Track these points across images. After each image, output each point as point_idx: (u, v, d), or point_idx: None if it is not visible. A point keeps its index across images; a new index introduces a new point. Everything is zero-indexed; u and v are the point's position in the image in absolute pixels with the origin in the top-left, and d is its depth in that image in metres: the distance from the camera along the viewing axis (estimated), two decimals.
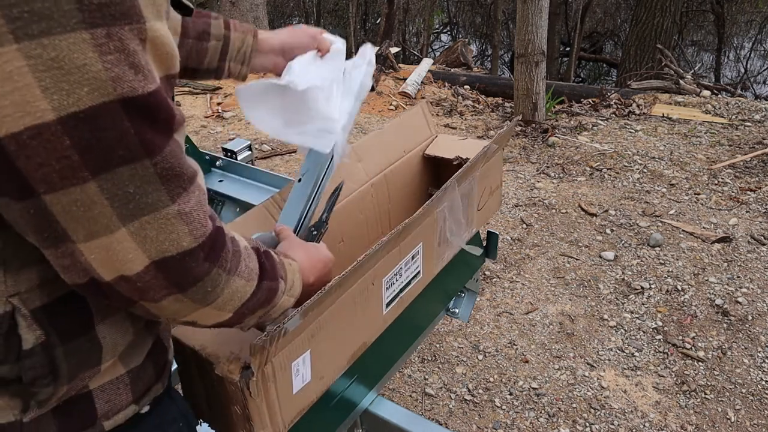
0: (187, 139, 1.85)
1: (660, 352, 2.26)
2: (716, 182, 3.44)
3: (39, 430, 0.64)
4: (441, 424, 1.98)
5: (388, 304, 1.11)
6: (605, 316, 2.44)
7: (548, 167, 3.75)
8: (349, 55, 1.13)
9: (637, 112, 4.75)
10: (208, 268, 0.60)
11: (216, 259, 0.61)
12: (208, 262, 0.60)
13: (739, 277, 2.62)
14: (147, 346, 0.72)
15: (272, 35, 1.06)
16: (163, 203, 0.56)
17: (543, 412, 2.03)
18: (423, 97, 5.29)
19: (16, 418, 0.63)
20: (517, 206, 3.28)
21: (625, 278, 2.66)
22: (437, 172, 1.46)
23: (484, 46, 14.28)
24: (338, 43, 1.09)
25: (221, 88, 5.44)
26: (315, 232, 1.02)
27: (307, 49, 1.05)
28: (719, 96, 5.04)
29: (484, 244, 1.56)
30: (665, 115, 4.55)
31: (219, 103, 5.08)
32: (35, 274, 0.60)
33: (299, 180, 1.05)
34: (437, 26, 15.11)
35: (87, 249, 0.55)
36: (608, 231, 3.01)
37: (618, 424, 1.98)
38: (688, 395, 2.08)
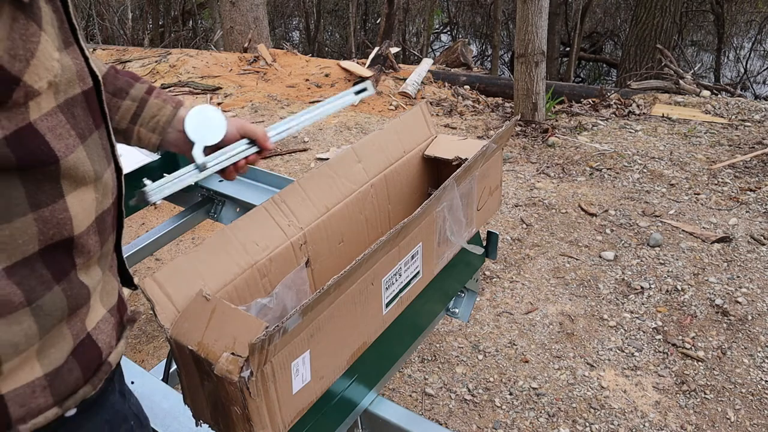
0: None
1: (660, 352, 2.26)
2: (716, 182, 3.44)
3: None
4: (441, 424, 1.98)
5: (387, 304, 1.11)
6: (605, 316, 2.44)
7: (548, 167, 3.75)
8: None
9: (637, 112, 4.75)
10: None
11: None
12: None
13: (738, 277, 2.62)
14: (68, 346, 0.69)
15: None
16: None
17: (543, 411, 2.03)
18: (423, 97, 5.29)
19: None
20: (517, 206, 3.28)
21: (625, 278, 2.66)
22: (437, 172, 1.46)
23: (484, 46, 14.29)
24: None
25: (221, 88, 5.44)
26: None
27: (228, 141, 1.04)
28: (719, 96, 5.04)
29: (484, 244, 1.56)
30: (665, 115, 4.56)
31: (219, 103, 5.08)
32: None
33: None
34: (437, 26, 15.11)
35: None
36: (608, 231, 3.01)
37: (618, 424, 1.98)
38: (687, 395, 2.08)
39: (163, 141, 1.01)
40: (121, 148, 0.92)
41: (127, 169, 1.71)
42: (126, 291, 0.88)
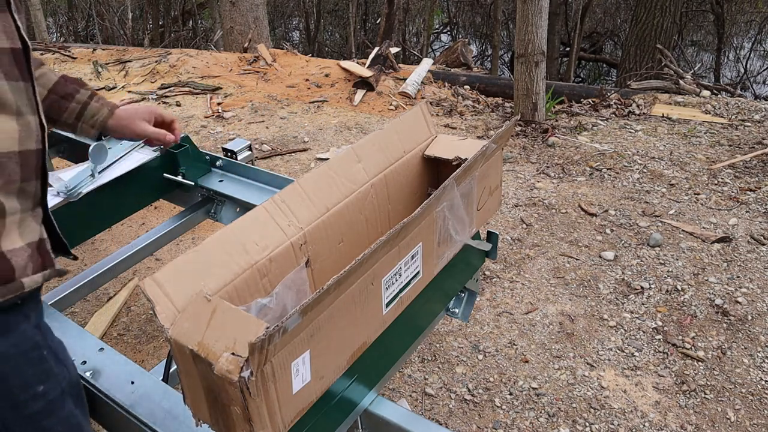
0: (188, 139, 1.85)
1: (660, 352, 2.26)
2: (716, 182, 3.44)
3: None
4: (441, 424, 1.98)
5: (387, 304, 1.11)
6: (605, 316, 2.44)
7: (548, 167, 3.75)
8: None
9: (637, 112, 4.75)
10: None
11: None
12: None
13: (738, 277, 2.62)
14: (37, 226, 0.90)
15: (130, 121, 1.36)
16: None
17: (543, 411, 2.03)
18: (423, 97, 5.29)
19: None
20: (517, 206, 3.28)
21: (625, 278, 2.66)
22: (437, 172, 1.46)
23: (484, 46, 14.29)
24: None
25: (221, 88, 5.44)
26: None
27: (147, 118, 1.39)
28: (719, 96, 5.04)
29: (477, 248, 1.56)
30: (665, 115, 4.56)
31: (219, 103, 5.08)
32: None
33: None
34: (437, 26, 15.11)
35: None
36: (608, 231, 3.01)
37: (618, 424, 1.98)
38: (687, 395, 2.08)
39: (103, 131, 1.33)
40: (124, 150, 1.57)
41: (127, 168, 1.71)
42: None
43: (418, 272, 1.19)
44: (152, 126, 1.39)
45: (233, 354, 0.80)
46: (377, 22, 12.96)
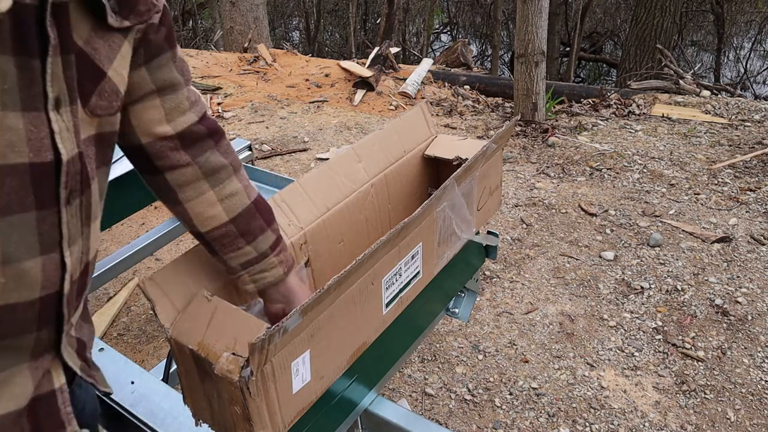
0: None
1: (660, 352, 2.26)
2: (716, 182, 3.44)
3: None
4: (441, 424, 1.98)
5: (387, 304, 1.11)
6: (605, 316, 2.44)
7: (548, 167, 3.75)
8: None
9: (637, 112, 4.75)
10: None
11: None
12: None
13: (738, 277, 2.62)
14: (31, 384, 0.68)
15: (298, 291, 0.99)
16: None
17: (543, 411, 2.03)
18: (423, 97, 5.29)
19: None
20: (517, 206, 3.28)
21: (625, 278, 2.66)
22: (437, 172, 1.46)
23: (484, 46, 14.29)
24: None
25: (221, 88, 5.44)
26: None
27: None
28: (719, 96, 5.04)
29: (485, 244, 1.56)
30: (665, 115, 4.56)
31: (219, 103, 5.08)
32: None
33: None
34: (437, 26, 15.11)
35: None
36: (608, 231, 3.01)
37: (618, 424, 1.98)
38: (687, 395, 2.08)
39: (259, 294, 0.99)
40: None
41: (127, 168, 1.71)
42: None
43: (418, 272, 1.19)
44: None
45: (233, 354, 0.80)
46: (377, 22, 12.97)
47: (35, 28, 0.58)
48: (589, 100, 5.21)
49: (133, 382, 1.21)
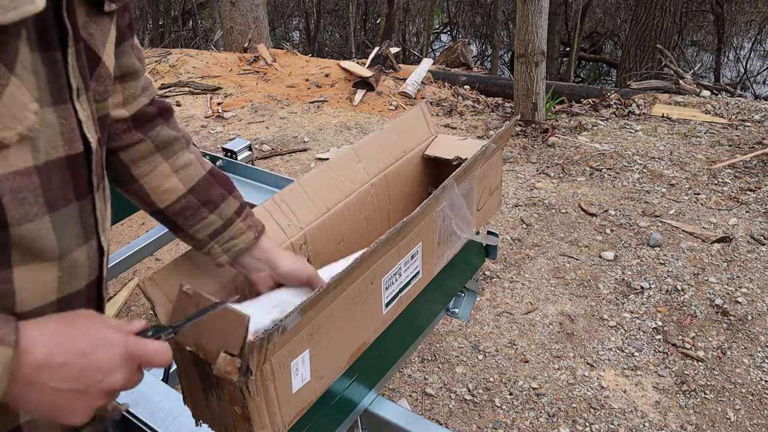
0: None
1: (660, 352, 2.26)
2: (716, 182, 3.44)
3: None
4: (441, 424, 1.98)
5: (387, 304, 1.11)
6: (605, 316, 2.44)
7: (548, 167, 3.75)
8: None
9: (637, 112, 4.75)
10: None
11: None
12: None
13: (738, 277, 2.62)
14: None
15: (275, 251, 0.96)
16: None
17: (543, 411, 2.03)
18: (423, 97, 5.29)
19: None
20: (517, 206, 3.28)
21: (625, 278, 2.66)
22: (437, 172, 1.46)
23: (484, 46, 14.29)
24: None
25: (221, 88, 5.44)
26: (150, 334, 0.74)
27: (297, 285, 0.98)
28: (719, 96, 5.04)
29: (485, 244, 1.56)
30: (665, 115, 4.55)
31: (219, 103, 5.08)
32: None
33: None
34: (437, 26, 15.11)
35: None
36: (608, 231, 3.01)
37: (618, 424, 1.98)
38: (687, 395, 2.08)
39: (233, 263, 0.95)
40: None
41: None
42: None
43: (418, 272, 1.19)
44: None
45: (230, 354, 0.80)
46: (377, 22, 12.97)
47: (54, 21, 0.59)
48: (589, 100, 5.21)
49: None
